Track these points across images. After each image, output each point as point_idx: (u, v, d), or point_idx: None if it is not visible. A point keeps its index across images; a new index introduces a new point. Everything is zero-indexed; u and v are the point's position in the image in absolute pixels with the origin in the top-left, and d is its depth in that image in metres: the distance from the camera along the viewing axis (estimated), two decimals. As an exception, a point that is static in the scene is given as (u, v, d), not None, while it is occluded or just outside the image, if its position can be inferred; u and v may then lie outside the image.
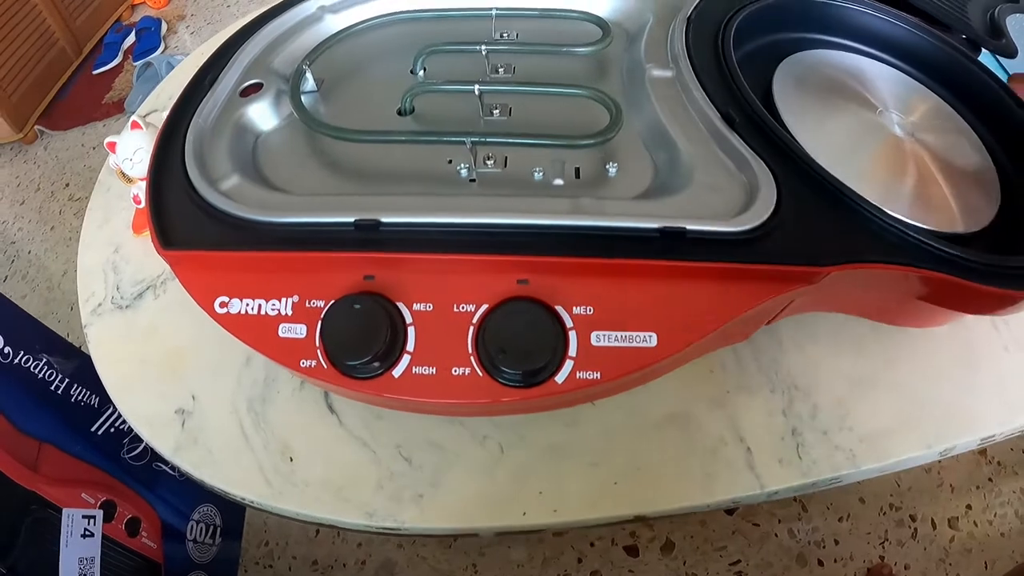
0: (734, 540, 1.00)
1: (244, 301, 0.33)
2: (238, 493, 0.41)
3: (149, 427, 0.44)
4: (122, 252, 0.55)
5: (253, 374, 0.45)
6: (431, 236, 0.33)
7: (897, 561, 0.97)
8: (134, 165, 0.51)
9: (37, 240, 1.53)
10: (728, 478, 0.40)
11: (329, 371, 0.32)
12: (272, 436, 0.43)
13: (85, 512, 0.66)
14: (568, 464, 0.41)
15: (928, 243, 0.34)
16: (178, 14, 2.13)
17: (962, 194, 0.40)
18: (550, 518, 0.39)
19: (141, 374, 0.47)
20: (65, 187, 1.64)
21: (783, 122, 0.40)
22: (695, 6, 0.47)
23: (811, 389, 0.43)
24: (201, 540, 0.87)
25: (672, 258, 0.31)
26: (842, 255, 0.32)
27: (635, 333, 0.31)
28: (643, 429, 0.42)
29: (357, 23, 0.50)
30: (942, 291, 0.34)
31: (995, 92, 0.46)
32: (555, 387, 0.30)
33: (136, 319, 0.50)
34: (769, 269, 0.32)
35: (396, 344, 0.32)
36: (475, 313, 0.32)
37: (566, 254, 0.31)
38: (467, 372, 0.31)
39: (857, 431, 0.41)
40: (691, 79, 0.41)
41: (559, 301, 0.31)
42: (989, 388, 0.43)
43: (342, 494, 0.40)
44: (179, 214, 0.37)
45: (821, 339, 0.45)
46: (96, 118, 1.81)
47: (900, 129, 0.43)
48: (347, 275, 0.33)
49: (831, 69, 0.47)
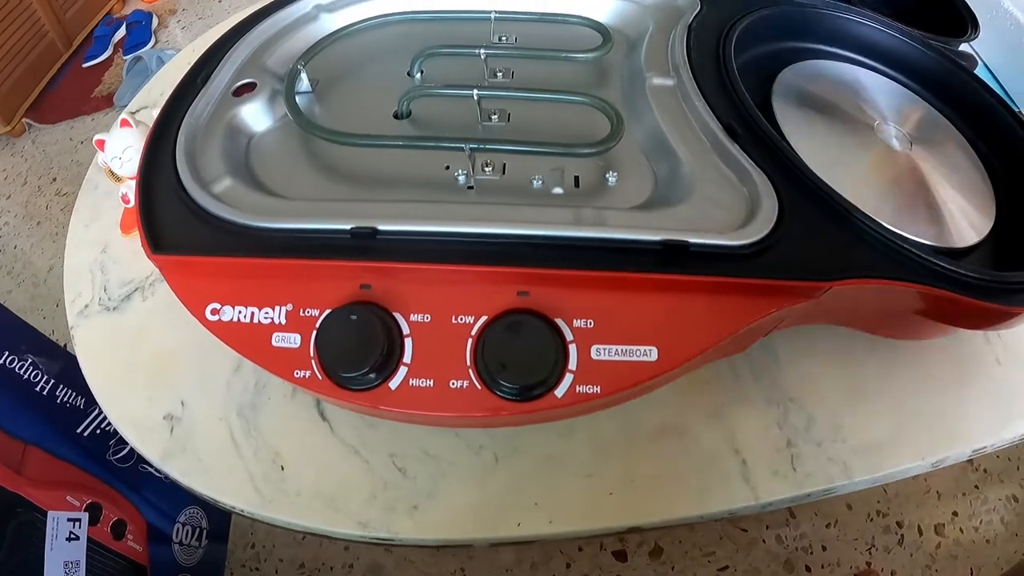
0: (722, 545, 1.00)
1: (236, 309, 0.33)
2: (228, 502, 0.40)
3: (137, 433, 0.43)
4: (110, 252, 0.54)
5: (243, 380, 0.45)
6: (430, 245, 0.32)
7: (884, 567, 0.98)
8: (123, 164, 0.50)
9: (23, 235, 1.51)
10: (723, 490, 0.40)
11: (324, 382, 0.31)
12: (263, 444, 0.42)
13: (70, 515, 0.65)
14: (563, 475, 0.40)
15: (928, 259, 0.34)
16: (169, 8, 2.11)
17: (958, 207, 0.40)
18: (545, 529, 0.38)
19: (129, 378, 0.46)
20: (52, 181, 1.62)
21: (783, 133, 0.40)
22: (696, 14, 0.47)
23: (806, 401, 0.43)
24: (187, 543, 0.86)
25: (674, 272, 0.31)
26: (844, 270, 0.32)
27: (635, 347, 0.31)
28: (638, 440, 0.41)
29: (354, 23, 0.49)
30: (940, 306, 0.34)
31: (991, 105, 0.46)
32: (555, 401, 0.30)
33: (124, 322, 0.49)
34: (771, 284, 0.31)
35: (393, 355, 0.31)
36: (474, 325, 0.31)
37: (567, 266, 0.31)
38: (465, 385, 0.31)
39: (851, 443, 0.42)
40: (692, 88, 0.40)
41: (559, 314, 0.31)
42: (981, 400, 0.43)
43: (334, 504, 0.39)
44: (169, 217, 0.36)
45: (817, 352, 0.45)
46: (85, 112, 1.79)
47: (898, 142, 0.43)
48: (343, 284, 0.32)
49: (830, 80, 0.47)
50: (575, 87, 0.41)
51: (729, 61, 0.42)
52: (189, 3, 2.12)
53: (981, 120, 0.46)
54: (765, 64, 0.47)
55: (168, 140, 0.39)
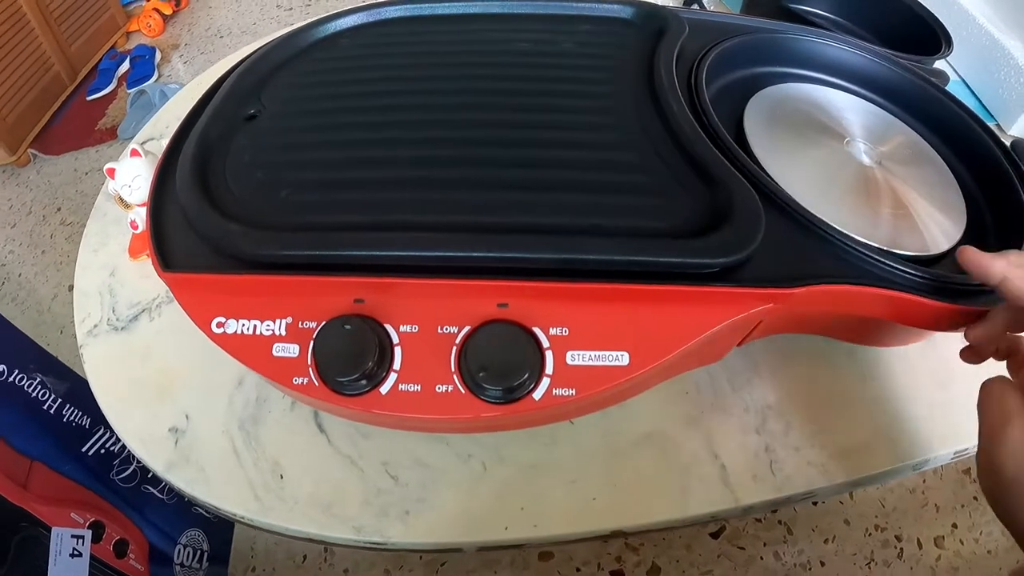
0: (720, 564, 1.00)
1: (240, 322, 0.35)
2: (229, 509, 0.42)
3: (143, 445, 0.45)
4: (118, 276, 0.56)
5: (245, 395, 0.47)
6: (418, 262, 0.34)
7: (883, 581, 0.98)
8: (133, 191, 0.53)
9: (28, 263, 1.54)
10: (703, 493, 0.41)
11: (320, 388, 0.33)
12: (263, 454, 0.44)
13: (74, 532, 0.66)
14: (548, 481, 0.42)
15: (888, 264, 0.36)
16: (172, 43, 2.17)
17: (929, 216, 0.42)
18: (531, 532, 0.40)
19: (135, 394, 0.48)
20: (57, 211, 1.65)
21: (753, 155, 0.43)
22: (679, 44, 0.49)
23: (784, 408, 0.45)
24: (188, 564, 0.86)
25: (642, 282, 0.33)
26: (806, 277, 0.34)
27: (608, 352, 0.33)
28: (620, 448, 0.43)
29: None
30: (903, 309, 0.36)
31: (959, 117, 0.48)
32: (533, 403, 0.32)
33: (131, 341, 0.51)
34: (737, 292, 0.33)
35: (384, 363, 0.33)
36: (458, 334, 0.33)
37: (543, 279, 0.33)
38: (450, 389, 0.33)
39: (830, 447, 0.43)
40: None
41: (536, 323, 0.33)
42: (961, 403, 0.45)
43: (330, 510, 0.41)
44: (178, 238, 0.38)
45: (796, 360, 0.47)
46: (89, 144, 1.83)
47: (867, 157, 0.45)
48: (338, 298, 0.35)
49: (800, 102, 0.49)
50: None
51: (700, 90, 0.45)
52: (192, 39, 2.18)
53: (950, 132, 0.49)
54: (738, 90, 0.49)
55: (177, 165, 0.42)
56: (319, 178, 0.41)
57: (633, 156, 0.41)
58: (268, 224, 0.37)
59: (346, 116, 0.45)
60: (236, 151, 0.43)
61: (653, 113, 0.44)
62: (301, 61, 0.51)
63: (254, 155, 0.43)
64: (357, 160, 0.41)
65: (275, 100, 0.47)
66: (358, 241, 0.34)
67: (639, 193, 0.38)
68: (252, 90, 0.48)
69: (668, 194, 0.38)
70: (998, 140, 0.46)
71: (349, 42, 0.53)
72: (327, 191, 0.40)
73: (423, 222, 0.36)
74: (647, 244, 0.34)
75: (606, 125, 0.43)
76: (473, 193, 0.38)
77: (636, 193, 0.38)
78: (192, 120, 0.46)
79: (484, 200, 0.38)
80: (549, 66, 0.49)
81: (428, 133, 0.43)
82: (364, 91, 0.47)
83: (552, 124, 0.43)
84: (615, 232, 0.36)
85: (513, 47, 0.51)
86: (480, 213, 0.37)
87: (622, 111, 0.44)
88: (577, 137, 0.42)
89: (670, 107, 0.43)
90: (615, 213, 0.37)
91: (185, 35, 2.20)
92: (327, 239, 0.35)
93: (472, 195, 0.38)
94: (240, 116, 0.46)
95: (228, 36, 2.17)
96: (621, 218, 0.37)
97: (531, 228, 0.35)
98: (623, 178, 0.39)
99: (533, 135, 0.42)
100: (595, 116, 0.44)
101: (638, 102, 0.45)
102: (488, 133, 0.43)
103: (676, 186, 0.39)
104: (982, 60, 0.70)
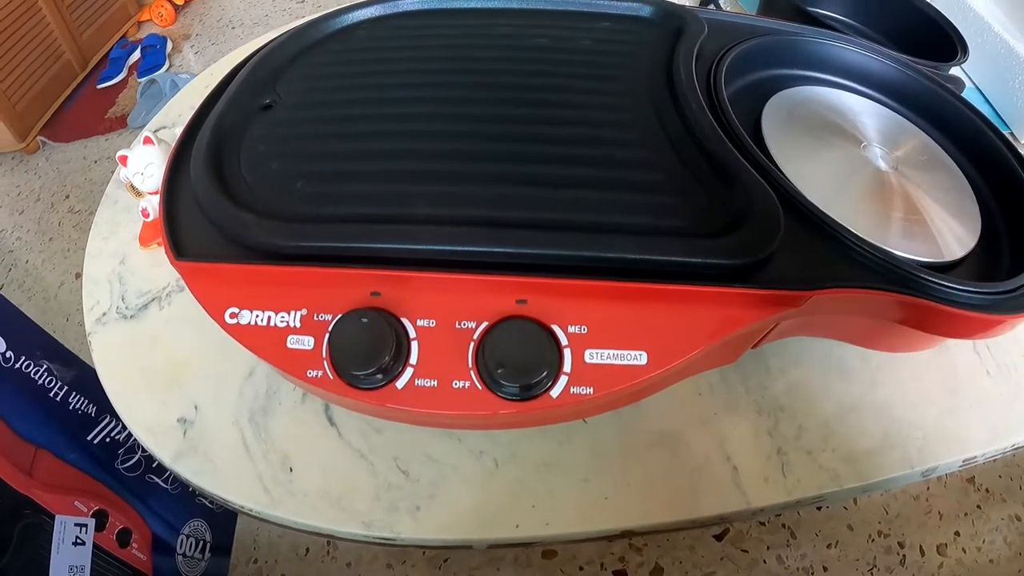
0: (723, 566, 1.00)
1: (254, 313, 0.35)
2: (237, 501, 0.41)
3: (150, 435, 0.45)
4: (128, 264, 0.56)
5: (255, 386, 0.46)
6: (436, 256, 0.34)
7: (885, 588, 0.98)
8: (145, 179, 0.53)
9: (35, 250, 1.54)
10: (715, 495, 0.41)
11: (335, 382, 0.33)
12: (272, 447, 0.43)
13: (77, 520, 0.66)
14: (560, 479, 0.42)
15: (903, 269, 0.35)
16: (184, 33, 2.17)
17: (944, 223, 0.41)
18: (543, 531, 0.40)
19: (144, 383, 0.47)
20: (65, 199, 1.65)
21: (771, 156, 0.42)
22: (698, 43, 0.49)
23: (796, 411, 0.44)
24: (190, 555, 0.86)
25: (661, 282, 0.33)
26: (823, 280, 0.34)
27: (626, 351, 0.32)
28: (633, 447, 0.43)
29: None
30: (917, 315, 0.36)
31: (975, 125, 0.48)
32: (550, 401, 0.32)
33: (140, 329, 0.51)
34: (755, 294, 0.33)
35: (400, 357, 0.33)
36: (476, 330, 0.33)
37: (563, 276, 0.33)
38: (467, 385, 0.32)
39: (840, 451, 0.43)
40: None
41: (555, 320, 0.33)
42: (971, 411, 0.44)
43: (340, 504, 0.41)
44: (192, 227, 0.38)
45: (807, 363, 0.46)
46: (98, 132, 1.84)
47: (884, 162, 0.44)
48: (355, 291, 0.34)
49: (817, 104, 0.49)
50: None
51: (719, 91, 0.44)
52: (203, 29, 2.19)
53: (965, 139, 0.48)
54: (756, 91, 0.49)
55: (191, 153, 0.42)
56: (335, 169, 0.40)
57: (651, 154, 0.40)
58: (283, 214, 0.37)
59: (362, 108, 0.45)
60: (251, 141, 0.43)
61: (672, 111, 0.43)
62: (317, 52, 0.51)
63: (269, 145, 0.43)
64: (373, 152, 0.41)
65: (291, 90, 0.47)
66: (376, 233, 0.34)
67: (658, 191, 0.38)
68: (268, 80, 0.48)
69: (687, 193, 0.38)
70: (1013, 148, 0.46)
71: (366, 34, 0.53)
72: (342, 182, 0.39)
73: (440, 215, 0.36)
74: (667, 243, 0.34)
75: (624, 122, 0.43)
76: (491, 188, 0.38)
77: (655, 191, 0.38)
78: (207, 109, 0.46)
79: (502, 195, 0.37)
80: (567, 62, 0.48)
81: (445, 127, 0.43)
82: (381, 83, 0.47)
83: (570, 120, 0.43)
84: (634, 230, 0.35)
85: (531, 42, 0.50)
86: (498, 208, 0.36)
87: (641, 108, 0.44)
88: (596, 133, 0.42)
89: (689, 106, 0.42)
90: (634, 211, 0.37)
91: (196, 25, 2.21)
92: (344, 230, 0.35)
93: (490, 190, 0.38)
94: (256, 106, 0.45)
95: (240, 27, 2.17)
96: (640, 216, 0.36)
97: (550, 224, 0.35)
98: (642, 176, 0.39)
99: (551, 131, 0.42)
100: (613, 113, 0.44)
101: (657, 100, 0.45)
102: (506, 128, 0.42)
103: (695, 185, 0.38)
104: (996, 68, 0.70)
